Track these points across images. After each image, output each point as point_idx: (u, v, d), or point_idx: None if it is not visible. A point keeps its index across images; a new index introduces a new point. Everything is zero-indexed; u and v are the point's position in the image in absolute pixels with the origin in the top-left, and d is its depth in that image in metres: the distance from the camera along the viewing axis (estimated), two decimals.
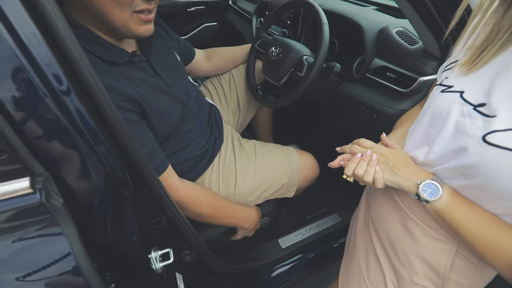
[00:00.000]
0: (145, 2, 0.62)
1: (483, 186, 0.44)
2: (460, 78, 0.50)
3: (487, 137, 0.41)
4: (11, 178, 0.32)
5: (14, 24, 0.28)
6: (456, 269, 0.55)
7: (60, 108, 0.33)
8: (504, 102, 0.41)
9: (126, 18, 0.62)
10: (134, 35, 0.65)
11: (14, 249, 0.31)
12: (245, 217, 0.90)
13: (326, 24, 0.92)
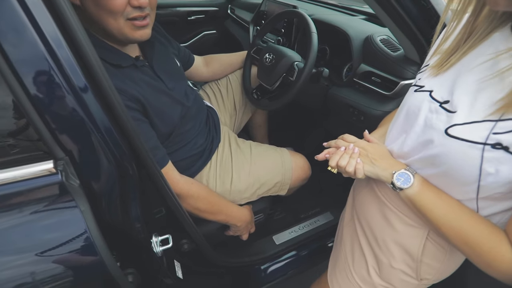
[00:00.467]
0: (137, 9, 0.67)
1: (447, 174, 0.49)
2: (430, 79, 0.56)
3: (448, 130, 0.47)
4: (38, 161, 0.38)
5: (45, 33, 0.35)
6: (428, 252, 0.60)
7: (79, 103, 0.39)
8: (463, 99, 0.47)
9: (120, 26, 0.68)
10: (130, 40, 0.71)
11: (38, 218, 0.37)
12: (237, 215, 0.96)
13: (315, 33, 1.00)
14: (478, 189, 0.46)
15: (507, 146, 0.40)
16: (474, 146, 0.43)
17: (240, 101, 1.28)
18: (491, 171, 0.43)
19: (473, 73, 0.48)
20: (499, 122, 0.41)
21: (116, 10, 0.65)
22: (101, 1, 0.63)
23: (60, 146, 0.40)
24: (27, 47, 0.35)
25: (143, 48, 0.83)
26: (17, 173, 0.37)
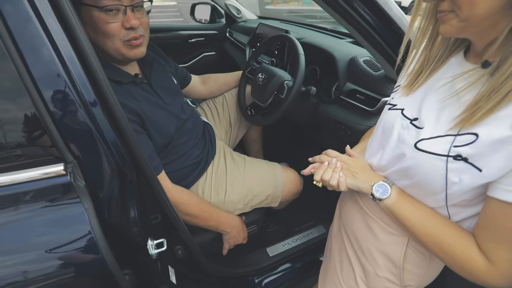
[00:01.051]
0: (132, 31, 0.77)
1: (419, 184, 0.54)
2: (402, 98, 0.61)
3: (417, 144, 0.52)
4: (51, 163, 0.44)
5: (62, 52, 0.42)
6: (409, 259, 0.63)
7: (88, 116, 0.46)
8: (429, 117, 0.52)
9: (117, 47, 0.77)
10: (127, 58, 0.80)
11: (48, 212, 0.43)
12: (227, 221, 1.01)
13: (302, 55, 1.09)
14: (447, 197, 0.50)
15: (466, 157, 0.45)
16: (439, 158, 0.48)
17: (235, 118, 1.36)
18: (455, 180, 0.47)
19: (436, 93, 0.53)
20: (458, 136, 0.46)
21: (112, 33, 0.74)
22: (99, 27, 0.72)
23: (70, 152, 0.46)
24: (48, 66, 0.42)
25: (142, 66, 0.92)
26: (33, 173, 0.43)
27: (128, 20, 0.75)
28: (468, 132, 0.45)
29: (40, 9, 0.41)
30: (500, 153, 0.41)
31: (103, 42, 0.75)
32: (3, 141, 0.43)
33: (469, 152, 0.45)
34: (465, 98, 0.47)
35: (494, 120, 0.42)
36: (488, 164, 0.43)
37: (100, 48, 0.77)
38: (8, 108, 0.42)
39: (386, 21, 0.75)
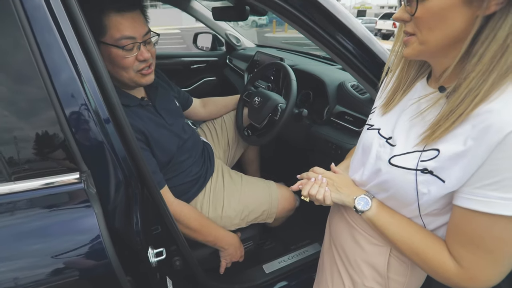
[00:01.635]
0: (143, 63, 0.87)
1: (395, 196, 0.59)
2: (379, 118, 0.68)
3: (391, 160, 0.58)
4: (69, 172, 0.51)
5: (82, 75, 0.51)
6: (393, 268, 0.67)
7: (102, 131, 0.54)
8: (400, 135, 0.59)
9: (131, 76, 0.87)
10: (139, 85, 0.91)
11: (64, 214, 0.49)
12: (225, 238, 1.05)
13: (294, 80, 1.19)
14: (419, 208, 0.55)
15: (431, 170, 0.51)
16: (409, 172, 0.54)
17: (233, 138, 1.44)
18: (424, 191, 0.53)
19: (406, 113, 0.61)
20: (424, 152, 0.52)
21: (128, 66, 0.84)
22: (116, 61, 0.83)
23: (85, 162, 0.53)
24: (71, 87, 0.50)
25: (148, 90, 1.02)
26: (52, 180, 0.50)
27: (142, 54, 0.85)
28: (432, 148, 0.51)
29: (69, 42, 0.50)
30: (458, 165, 0.47)
31: (119, 73, 0.86)
32: (28, 153, 0.50)
33: (433, 166, 0.51)
34: (428, 118, 0.54)
35: (451, 137, 0.49)
36: (449, 176, 0.49)
37: (114, 78, 0.87)
38: (34, 125, 0.50)
39: (369, 54, 0.85)
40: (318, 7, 0.76)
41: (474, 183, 0.46)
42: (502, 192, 0.44)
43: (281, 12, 0.75)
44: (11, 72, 0.47)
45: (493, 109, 0.44)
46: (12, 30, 0.46)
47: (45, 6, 0.48)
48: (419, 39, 0.50)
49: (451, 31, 0.47)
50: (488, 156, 0.44)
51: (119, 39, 0.80)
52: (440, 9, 0.45)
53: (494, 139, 0.43)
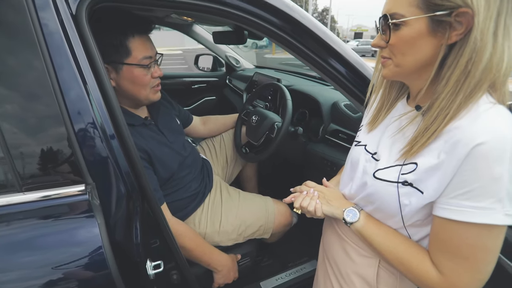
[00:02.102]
0: (155, 80, 0.96)
1: (380, 208, 0.63)
2: (365, 135, 0.73)
3: (375, 174, 0.62)
4: (75, 184, 0.55)
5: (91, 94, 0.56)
6: (382, 279, 0.69)
7: (107, 146, 0.58)
8: (384, 150, 0.63)
9: (147, 93, 0.95)
10: (151, 101, 0.98)
11: (69, 223, 0.52)
12: (218, 259, 1.06)
13: (289, 100, 1.25)
14: (403, 219, 0.59)
15: (411, 182, 0.55)
16: (391, 185, 0.58)
17: (231, 155, 1.48)
18: (406, 203, 0.56)
19: (388, 130, 0.65)
20: (404, 166, 0.57)
21: (147, 83, 0.93)
22: (138, 80, 0.91)
23: (90, 175, 0.57)
24: (81, 104, 0.55)
25: (150, 110, 1.07)
26: (60, 191, 0.54)
27: (156, 71, 0.95)
28: (411, 162, 0.56)
29: (80, 64, 0.56)
30: (434, 177, 0.52)
31: (139, 91, 0.93)
32: (38, 166, 0.54)
33: (412, 178, 0.55)
34: (407, 134, 0.59)
35: (427, 152, 0.53)
36: (427, 187, 0.53)
37: (129, 97, 0.94)
38: (44, 140, 0.54)
39: (360, 77, 0.90)
40: (311, 35, 0.82)
41: (449, 194, 0.50)
42: (474, 201, 0.47)
43: (277, 38, 0.82)
44: (26, 91, 0.52)
45: (460, 126, 0.49)
46: (31, 52, 0.51)
47: (61, 32, 0.54)
48: (394, 62, 0.56)
49: (421, 56, 0.52)
50: (459, 168, 0.48)
51: (142, 59, 0.89)
52: (410, 37, 0.51)
53: (462, 152, 0.47)
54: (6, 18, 0.50)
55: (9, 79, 0.50)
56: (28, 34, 0.51)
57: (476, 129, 0.47)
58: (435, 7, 0.48)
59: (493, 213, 0.46)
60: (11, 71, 0.50)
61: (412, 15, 0.50)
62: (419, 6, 0.49)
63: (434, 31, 0.49)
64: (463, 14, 0.46)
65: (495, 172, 0.45)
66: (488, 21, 0.46)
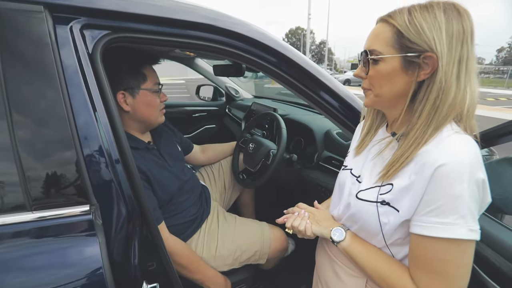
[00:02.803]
0: (162, 104, 1.08)
1: (363, 228, 0.67)
2: (352, 160, 0.79)
3: (357, 194, 0.67)
4: (80, 204, 0.59)
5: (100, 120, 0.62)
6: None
7: (112, 171, 0.63)
8: (366, 173, 0.69)
9: (157, 115, 1.06)
10: (159, 123, 1.09)
11: (72, 241, 0.56)
12: (212, 277, 1.07)
13: (284, 129, 1.32)
14: (384, 237, 0.63)
15: (388, 202, 0.60)
16: (372, 204, 0.63)
17: (229, 182, 1.52)
18: (385, 221, 0.61)
19: (370, 153, 0.72)
20: (382, 187, 0.62)
21: (157, 105, 1.05)
22: (152, 103, 1.02)
23: (95, 196, 0.61)
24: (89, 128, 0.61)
25: (153, 135, 1.14)
26: (66, 211, 0.58)
27: (163, 96, 1.08)
28: (388, 183, 0.61)
29: (93, 95, 0.63)
30: (407, 196, 0.57)
31: (152, 113, 1.04)
32: (46, 187, 0.58)
33: (389, 198, 0.60)
34: (385, 157, 0.65)
35: (402, 174, 0.59)
36: (402, 206, 0.58)
37: (145, 120, 1.04)
38: (54, 163, 0.59)
39: (351, 109, 0.97)
40: (304, 71, 0.91)
41: (420, 212, 0.55)
42: (440, 217, 0.52)
43: (273, 74, 0.90)
44: (42, 118, 0.58)
45: (427, 150, 0.55)
46: (50, 83, 0.58)
47: (78, 67, 0.62)
48: (373, 92, 0.64)
49: (395, 89, 0.60)
50: (426, 187, 0.53)
51: (155, 85, 1.03)
52: (386, 72, 0.59)
53: (428, 173, 0.53)
54: (32, 53, 0.57)
55: (28, 106, 0.56)
56: (49, 67, 0.58)
57: (439, 152, 0.53)
58: (407, 49, 0.56)
59: (458, 228, 0.51)
60: (30, 100, 0.56)
61: (388, 53, 0.58)
62: (394, 46, 0.57)
63: (406, 69, 0.57)
64: (429, 57, 0.55)
65: (456, 191, 0.50)
66: (451, 65, 0.54)
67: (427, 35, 0.53)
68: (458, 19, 0.54)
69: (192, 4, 0.79)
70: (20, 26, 0.56)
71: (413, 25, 0.54)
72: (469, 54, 0.55)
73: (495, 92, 19.22)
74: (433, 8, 0.54)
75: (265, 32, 0.88)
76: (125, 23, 0.69)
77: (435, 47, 0.53)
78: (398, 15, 0.57)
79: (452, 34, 0.53)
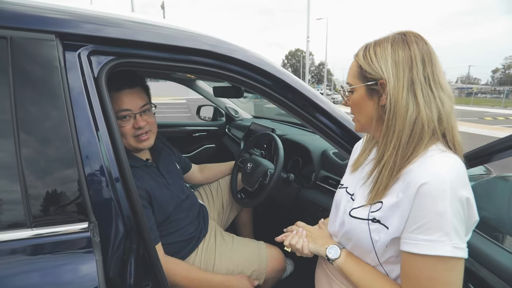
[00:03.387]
0: (139, 130, 1.01)
1: (357, 245, 0.69)
2: (347, 178, 0.81)
3: (351, 212, 0.69)
4: (79, 221, 0.61)
5: (102, 139, 0.64)
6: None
7: (112, 189, 0.65)
8: (359, 192, 0.71)
9: (129, 141, 1.02)
10: (138, 149, 1.05)
11: (70, 257, 0.57)
12: (225, 284, 1.05)
13: (281, 149, 1.35)
14: (377, 255, 0.65)
15: (379, 219, 0.62)
16: (363, 222, 0.65)
17: (227, 201, 1.53)
18: (377, 239, 0.63)
19: (363, 172, 0.74)
20: (373, 205, 0.64)
21: (126, 133, 1.00)
22: None
23: (94, 214, 0.63)
24: (92, 147, 0.64)
25: (152, 153, 1.16)
26: (65, 228, 0.59)
27: (137, 122, 1.00)
28: (378, 201, 0.63)
29: (96, 116, 0.66)
30: (396, 214, 0.59)
31: (123, 139, 1.00)
32: (47, 204, 0.60)
33: (379, 215, 0.62)
34: None
35: (390, 192, 0.61)
36: (391, 224, 0.60)
37: None
38: (55, 181, 0.61)
39: (346, 130, 1.01)
40: (300, 95, 0.95)
41: (408, 229, 0.57)
42: (426, 234, 0.54)
43: (269, 96, 0.94)
44: (47, 137, 0.60)
45: (412, 169, 0.58)
46: (56, 103, 0.61)
47: (83, 89, 0.65)
48: (356, 118, 0.72)
49: (367, 114, 0.67)
50: (412, 205, 0.56)
51: (118, 112, 0.97)
52: (357, 100, 0.68)
53: (412, 191, 0.56)
54: (41, 76, 0.61)
55: (35, 126, 0.59)
56: (56, 89, 0.62)
57: (422, 171, 0.56)
58: (366, 79, 0.64)
59: (442, 245, 0.53)
60: (37, 119, 0.60)
61: (355, 84, 0.67)
62: (358, 78, 0.66)
63: (370, 96, 0.65)
64: (383, 84, 0.61)
65: (439, 208, 0.53)
66: (400, 88, 0.59)
67: (375, 65, 0.62)
68: (405, 47, 0.61)
69: (193, 32, 0.84)
70: (32, 52, 0.61)
71: (366, 59, 0.64)
72: (422, 76, 0.59)
73: (493, 111, 19.48)
74: (383, 42, 0.63)
75: (262, 57, 0.93)
76: (129, 50, 0.74)
77: (383, 74, 0.60)
78: (360, 51, 0.67)
79: (398, 61, 0.60)
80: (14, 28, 0.59)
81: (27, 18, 0.61)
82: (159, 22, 0.80)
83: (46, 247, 0.59)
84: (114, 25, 0.71)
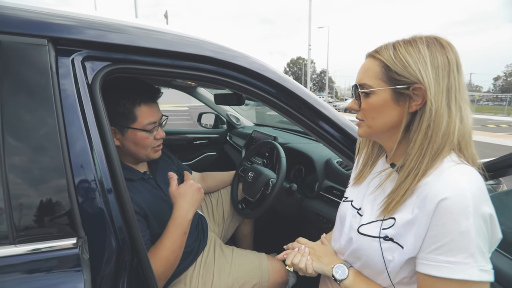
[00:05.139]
0: (157, 141, 1.02)
1: (367, 265, 0.64)
2: (351, 191, 0.77)
3: (359, 229, 0.64)
4: (67, 237, 0.57)
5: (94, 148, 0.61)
6: None
7: (104, 201, 0.61)
8: (367, 206, 0.67)
9: (148, 152, 1.01)
10: (150, 158, 1.03)
11: (56, 277, 0.53)
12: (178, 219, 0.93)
13: (284, 158, 1.30)
14: (389, 275, 0.59)
15: (391, 237, 0.57)
16: (374, 240, 0.60)
17: (228, 212, 1.48)
18: (390, 258, 0.58)
19: (370, 186, 0.70)
20: (384, 221, 0.59)
21: (148, 144, 0.99)
22: (140, 142, 0.97)
23: (84, 228, 0.59)
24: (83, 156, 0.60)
25: (150, 164, 1.12)
26: (51, 244, 0.55)
27: (159, 133, 1.02)
28: (390, 217, 0.58)
29: (89, 124, 0.62)
30: (411, 232, 0.54)
31: (139, 151, 0.99)
32: (33, 218, 0.56)
33: (392, 233, 0.57)
34: (387, 190, 0.63)
35: (403, 208, 0.57)
36: (406, 242, 0.55)
37: (130, 155, 1.00)
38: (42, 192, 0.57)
39: (350, 138, 0.97)
40: (304, 102, 0.91)
41: (426, 249, 0.52)
42: (447, 256, 0.49)
43: (271, 104, 0.90)
44: (35, 144, 0.57)
45: (428, 182, 0.53)
46: (46, 110, 0.58)
47: (76, 96, 0.62)
48: (366, 124, 0.64)
49: (388, 121, 0.60)
50: (430, 223, 0.51)
51: (146, 125, 0.97)
52: (378, 105, 0.60)
53: (430, 207, 0.51)
54: (31, 81, 0.57)
55: (22, 133, 0.56)
56: (47, 96, 0.58)
57: (440, 185, 0.51)
58: (395, 82, 0.57)
59: (468, 268, 0.48)
60: (25, 126, 0.56)
61: (378, 87, 0.59)
62: (383, 79, 0.58)
63: (397, 100, 0.58)
64: (419, 89, 0.55)
65: (462, 226, 0.48)
66: (440, 95, 0.54)
67: (412, 68, 0.55)
68: (442, 51, 0.55)
69: (194, 37, 0.81)
70: (22, 57, 0.57)
71: (399, 59, 0.56)
72: (457, 84, 0.55)
73: (496, 118, 19.39)
74: (416, 42, 0.56)
75: (265, 64, 0.90)
76: (126, 55, 0.71)
77: (422, 78, 0.54)
78: (384, 50, 0.59)
79: (438, 66, 0.54)
80: (4, 32, 0.56)
81: (18, 22, 0.58)
82: (158, 27, 0.78)
83: (30, 265, 0.54)
84: (111, 29, 0.68)
